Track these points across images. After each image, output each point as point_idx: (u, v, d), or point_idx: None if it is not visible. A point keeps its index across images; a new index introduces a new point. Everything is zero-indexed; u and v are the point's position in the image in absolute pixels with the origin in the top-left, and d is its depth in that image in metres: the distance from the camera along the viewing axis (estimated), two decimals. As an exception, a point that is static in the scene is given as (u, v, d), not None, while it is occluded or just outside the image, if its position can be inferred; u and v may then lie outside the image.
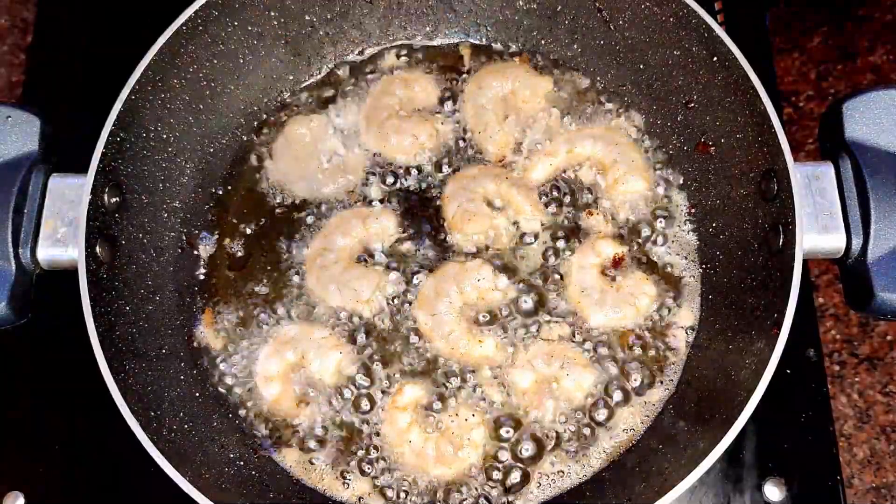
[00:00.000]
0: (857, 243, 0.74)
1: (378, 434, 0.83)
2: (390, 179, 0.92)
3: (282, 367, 0.84)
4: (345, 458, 0.83)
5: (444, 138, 0.93)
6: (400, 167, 0.93)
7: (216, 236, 0.91)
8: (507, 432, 0.82)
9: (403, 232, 0.90)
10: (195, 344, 0.87)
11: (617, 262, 0.87)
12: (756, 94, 0.76)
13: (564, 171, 0.91)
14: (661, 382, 0.84)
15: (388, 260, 0.89)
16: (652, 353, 0.85)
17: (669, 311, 0.86)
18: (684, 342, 0.86)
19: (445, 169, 0.92)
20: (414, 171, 0.92)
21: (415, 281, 0.87)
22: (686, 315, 0.86)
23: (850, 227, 0.74)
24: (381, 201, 0.91)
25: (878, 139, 0.75)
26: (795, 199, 0.73)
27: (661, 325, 0.86)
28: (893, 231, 0.73)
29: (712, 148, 0.86)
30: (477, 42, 0.99)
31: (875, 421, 0.96)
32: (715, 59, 0.81)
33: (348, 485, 0.82)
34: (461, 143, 0.93)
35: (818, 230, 0.74)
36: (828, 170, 0.76)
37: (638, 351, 0.85)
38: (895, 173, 0.74)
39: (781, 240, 0.75)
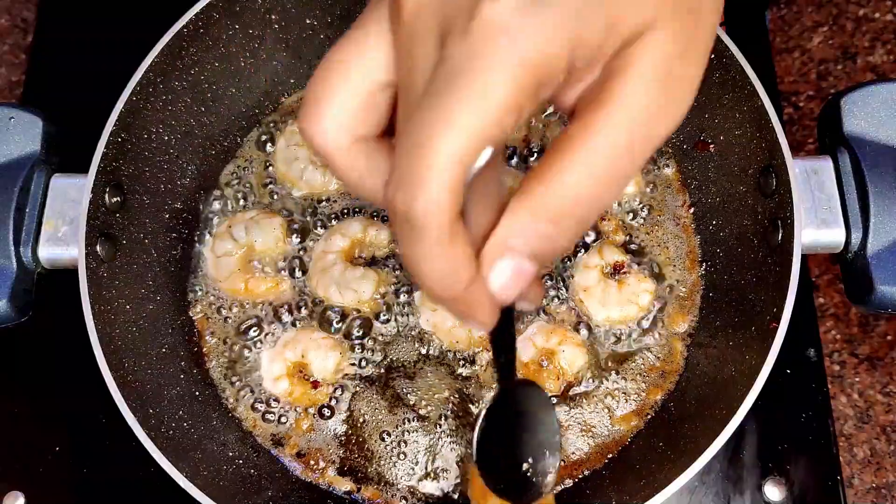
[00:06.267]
0: (856, 237, 0.74)
1: (379, 434, 0.83)
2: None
3: (285, 366, 0.84)
4: (344, 457, 0.83)
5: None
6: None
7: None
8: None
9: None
10: (195, 344, 0.87)
11: (618, 269, 0.87)
12: (754, 90, 0.76)
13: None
14: (661, 380, 0.84)
15: (389, 260, 0.89)
16: (652, 350, 0.85)
17: (669, 308, 0.87)
18: (684, 340, 0.86)
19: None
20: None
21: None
22: (686, 313, 0.86)
23: (850, 221, 0.74)
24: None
25: (876, 133, 0.75)
26: (794, 194, 0.73)
27: (661, 322, 0.86)
28: (893, 224, 0.73)
29: (712, 146, 0.87)
30: (477, 43, 0.98)
31: (875, 421, 0.96)
32: (714, 58, 0.81)
33: (347, 483, 0.82)
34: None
35: (817, 224, 0.74)
36: (826, 164, 0.76)
37: (638, 349, 0.85)
38: (894, 167, 0.74)
39: (780, 235, 0.75)
